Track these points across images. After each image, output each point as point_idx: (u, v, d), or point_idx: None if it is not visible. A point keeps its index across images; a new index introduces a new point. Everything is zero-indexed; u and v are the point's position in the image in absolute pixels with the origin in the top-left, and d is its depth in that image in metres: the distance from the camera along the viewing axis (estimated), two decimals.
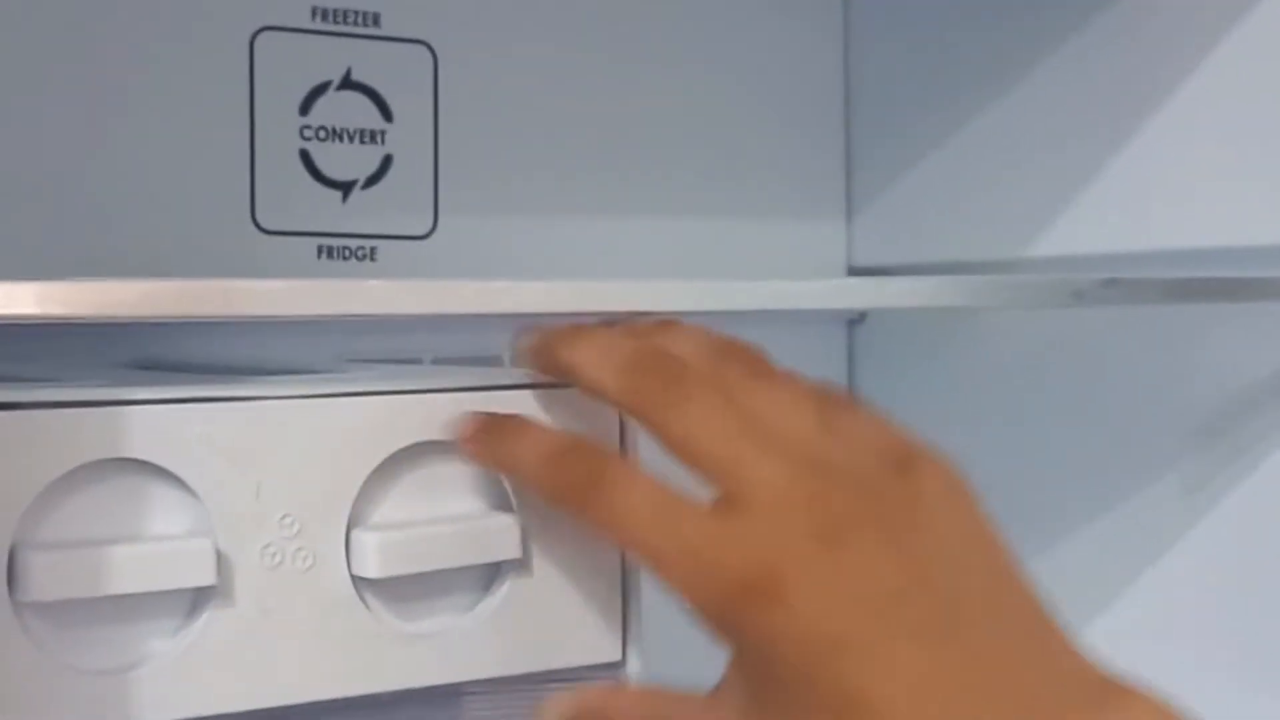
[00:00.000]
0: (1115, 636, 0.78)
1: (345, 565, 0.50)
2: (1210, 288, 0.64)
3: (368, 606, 0.50)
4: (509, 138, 0.82)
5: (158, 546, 0.47)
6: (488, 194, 0.81)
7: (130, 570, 0.46)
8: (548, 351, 0.52)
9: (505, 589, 0.52)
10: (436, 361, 0.78)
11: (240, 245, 0.75)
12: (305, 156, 0.77)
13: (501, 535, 0.52)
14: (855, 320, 0.92)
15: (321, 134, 0.77)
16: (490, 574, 0.53)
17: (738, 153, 0.88)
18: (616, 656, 0.55)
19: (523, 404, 0.53)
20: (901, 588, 0.44)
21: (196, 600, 0.48)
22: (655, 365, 0.49)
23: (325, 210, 0.77)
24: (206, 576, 0.47)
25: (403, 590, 0.51)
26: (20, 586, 0.45)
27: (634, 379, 0.49)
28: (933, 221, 0.87)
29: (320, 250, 0.77)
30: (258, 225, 0.76)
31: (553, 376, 0.52)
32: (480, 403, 0.52)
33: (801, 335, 0.90)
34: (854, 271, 0.91)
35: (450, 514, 0.52)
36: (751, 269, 0.88)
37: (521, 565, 0.53)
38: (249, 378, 0.54)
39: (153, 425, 0.47)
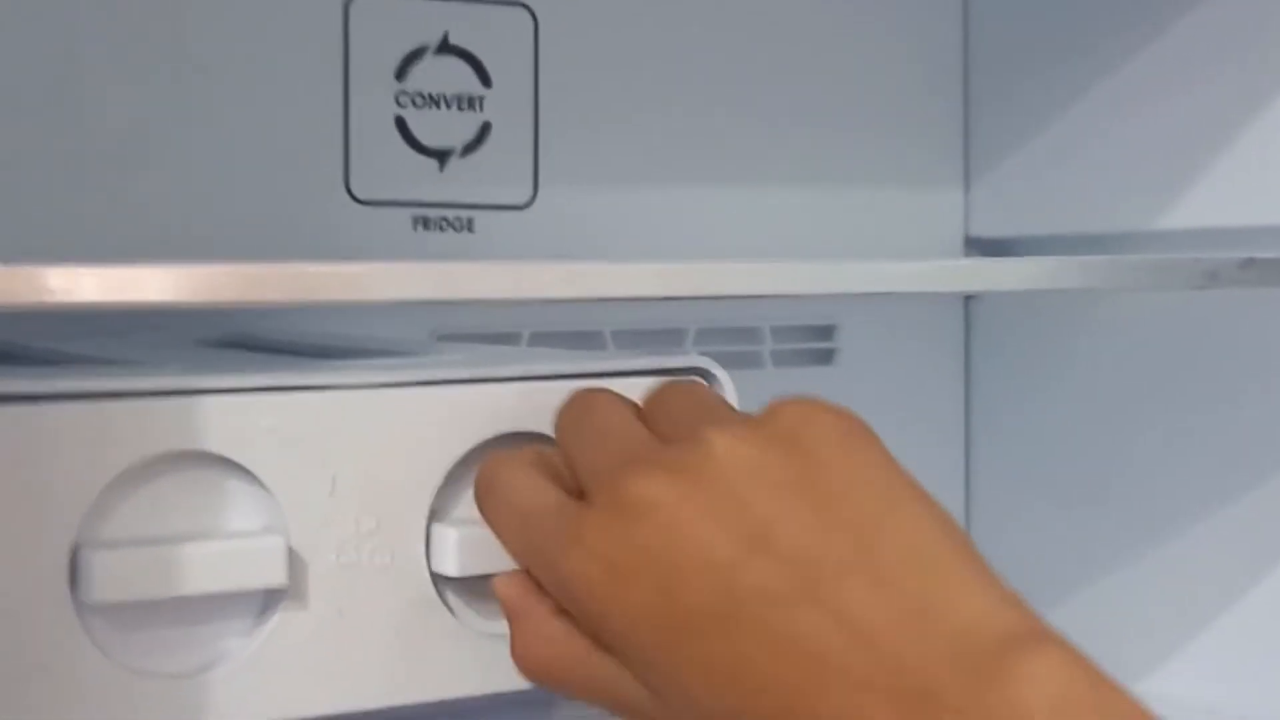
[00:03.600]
0: (1245, 628, 0.75)
1: (425, 564, 0.48)
2: None
3: (449, 606, 0.48)
4: (610, 104, 0.79)
5: (228, 545, 0.45)
6: (588, 163, 0.79)
7: (199, 570, 0.44)
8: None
9: None
10: (535, 339, 0.75)
11: (334, 216, 0.73)
12: (401, 123, 0.74)
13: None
14: (972, 297, 0.88)
15: (418, 100, 0.75)
16: None
17: (850, 120, 0.85)
18: None
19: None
20: (733, 558, 0.42)
21: (268, 601, 0.46)
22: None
23: (422, 179, 0.75)
24: (279, 576, 0.45)
25: (486, 589, 0.48)
26: (83, 587, 0.44)
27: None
28: (1054, 192, 0.83)
29: (416, 221, 0.75)
30: (352, 195, 0.74)
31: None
32: (571, 391, 0.49)
33: (915, 312, 0.87)
34: (971, 243, 0.87)
35: None
36: (863, 240, 0.85)
37: None
38: (330, 362, 0.51)
39: (222, 416, 0.45)
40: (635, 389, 0.51)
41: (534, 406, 0.50)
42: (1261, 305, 0.73)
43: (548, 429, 0.49)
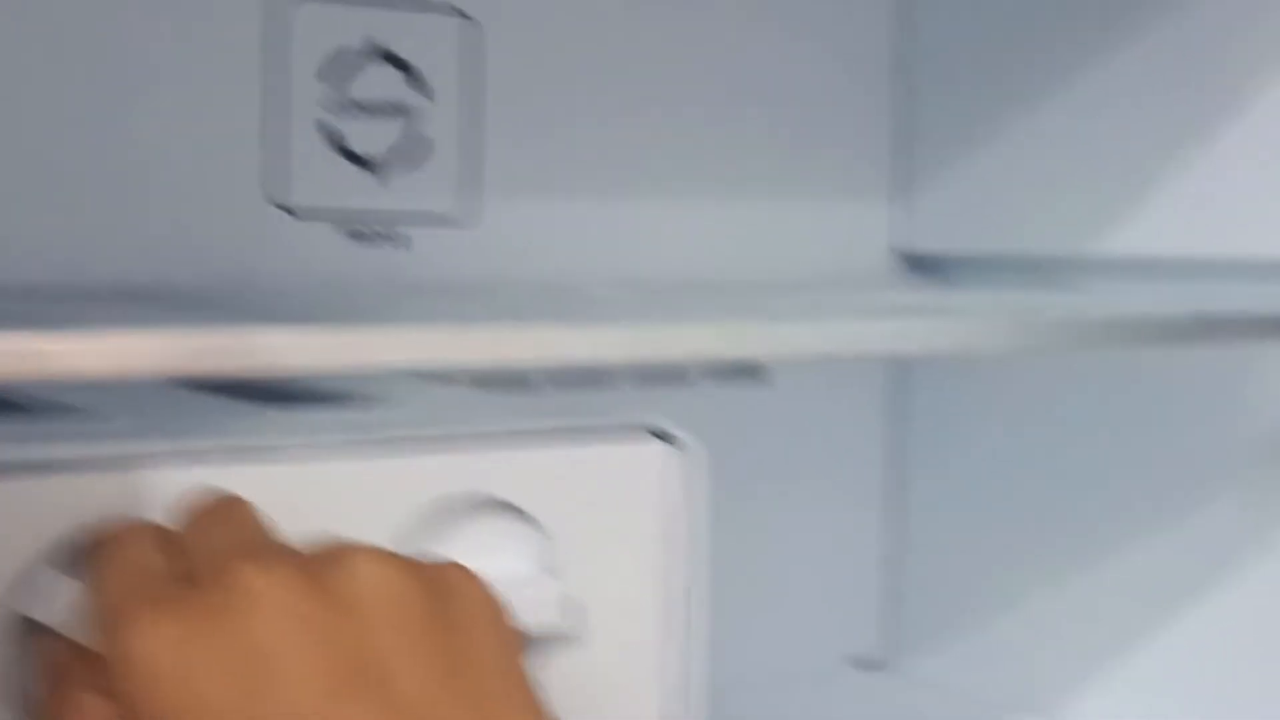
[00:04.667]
0: (1171, 656, 0.76)
1: None
2: None
3: None
4: (550, 118, 0.78)
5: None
6: (529, 175, 0.78)
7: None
8: None
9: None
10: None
11: (265, 228, 0.72)
12: (337, 134, 0.73)
13: (544, 604, 0.49)
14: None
15: (355, 110, 0.73)
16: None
17: (779, 132, 0.84)
18: None
19: None
20: (337, 687, 0.39)
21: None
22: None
23: (357, 191, 0.73)
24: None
25: None
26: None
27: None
28: (986, 210, 0.83)
29: (351, 234, 0.73)
30: (284, 207, 0.72)
31: None
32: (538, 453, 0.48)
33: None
34: (905, 259, 0.87)
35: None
36: (790, 251, 0.85)
37: (567, 635, 0.50)
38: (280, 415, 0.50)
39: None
40: (586, 452, 0.51)
41: (500, 470, 0.49)
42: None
43: (511, 495, 0.49)
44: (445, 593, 0.41)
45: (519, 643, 0.43)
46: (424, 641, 0.40)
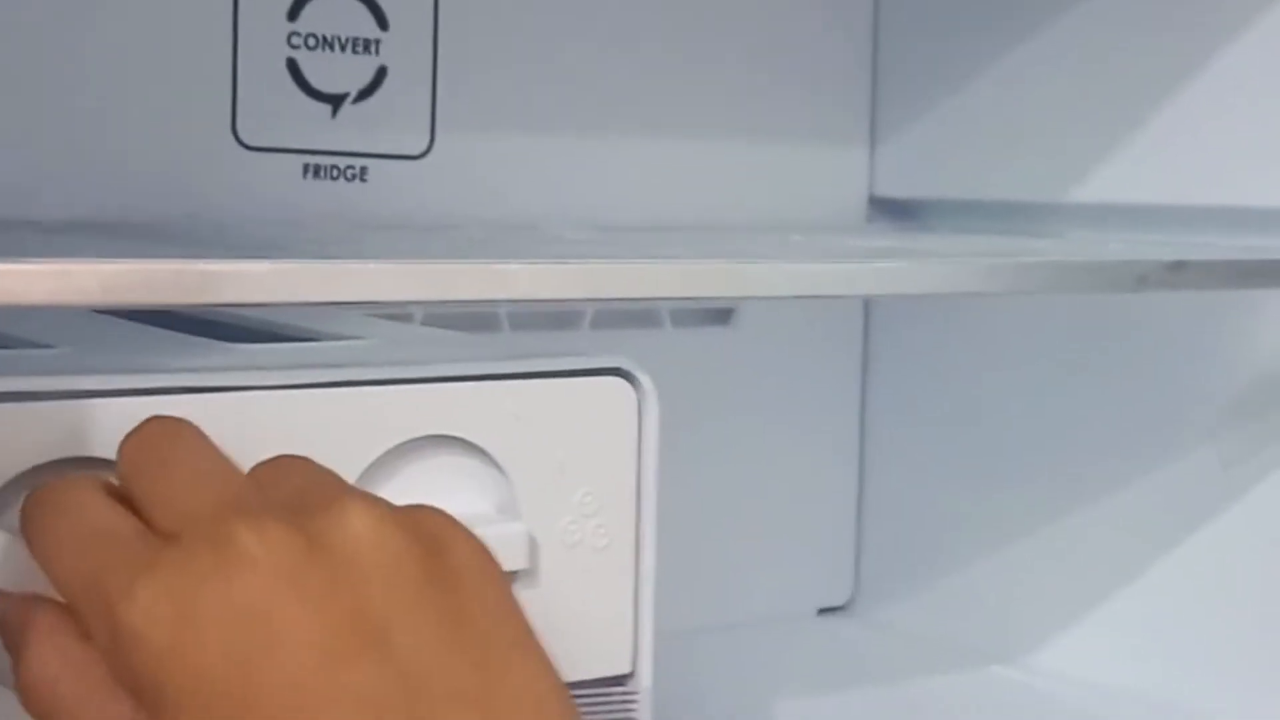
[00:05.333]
0: (1144, 611, 0.75)
1: None
2: None
3: None
4: (510, 50, 0.76)
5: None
6: (488, 111, 0.76)
7: None
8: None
9: None
10: (429, 319, 0.71)
11: (221, 162, 0.70)
12: (293, 66, 0.71)
13: (510, 544, 0.48)
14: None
15: (311, 42, 0.71)
16: None
17: (756, 73, 0.82)
18: (626, 669, 0.51)
19: None
20: (337, 648, 0.37)
21: None
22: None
23: (313, 125, 0.72)
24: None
25: None
26: None
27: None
28: (963, 156, 0.81)
29: (306, 169, 0.72)
30: (240, 141, 0.70)
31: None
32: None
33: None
34: (876, 203, 0.85)
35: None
36: (766, 195, 0.83)
37: (528, 575, 0.49)
38: (240, 348, 0.49)
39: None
40: (550, 391, 0.49)
41: (457, 409, 0.47)
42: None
43: (469, 434, 0.47)
44: (437, 543, 0.40)
45: (511, 589, 0.41)
46: (423, 596, 0.38)
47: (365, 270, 0.45)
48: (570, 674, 0.41)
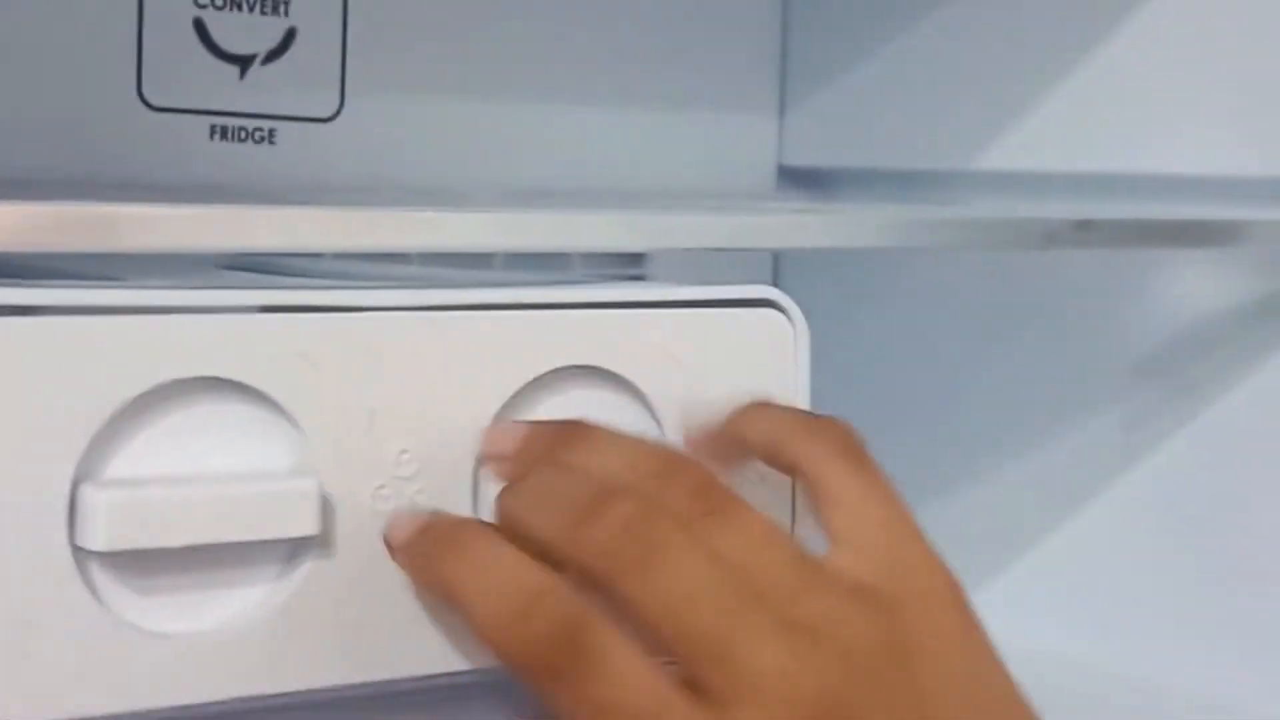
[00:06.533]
0: (1049, 571, 0.76)
1: (473, 508, 0.43)
2: (1190, 231, 0.60)
3: None
4: (422, 12, 0.75)
5: (250, 487, 0.40)
6: (399, 73, 0.75)
7: (214, 516, 0.39)
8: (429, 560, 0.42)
9: None
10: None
11: (126, 122, 0.69)
12: (200, 25, 0.70)
13: None
14: None
15: (218, 2, 0.70)
16: None
17: (665, 40, 0.82)
18: None
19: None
20: None
21: (294, 551, 0.41)
22: (610, 514, 0.40)
23: (221, 86, 0.71)
24: (310, 524, 0.40)
25: None
26: (82, 532, 0.38)
27: (588, 535, 0.40)
28: (873, 125, 0.82)
29: (214, 130, 0.71)
30: (145, 101, 0.69)
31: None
32: (647, 323, 0.45)
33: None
34: (785, 172, 0.86)
35: None
36: (675, 163, 0.83)
37: None
38: (352, 284, 0.47)
39: (246, 339, 0.40)
40: (699, 322, 0.47)
41: (594, 338, 0.46)
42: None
43: (610, 363, 0.46)
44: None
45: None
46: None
47: (282, 215, 0.44)
48: None
